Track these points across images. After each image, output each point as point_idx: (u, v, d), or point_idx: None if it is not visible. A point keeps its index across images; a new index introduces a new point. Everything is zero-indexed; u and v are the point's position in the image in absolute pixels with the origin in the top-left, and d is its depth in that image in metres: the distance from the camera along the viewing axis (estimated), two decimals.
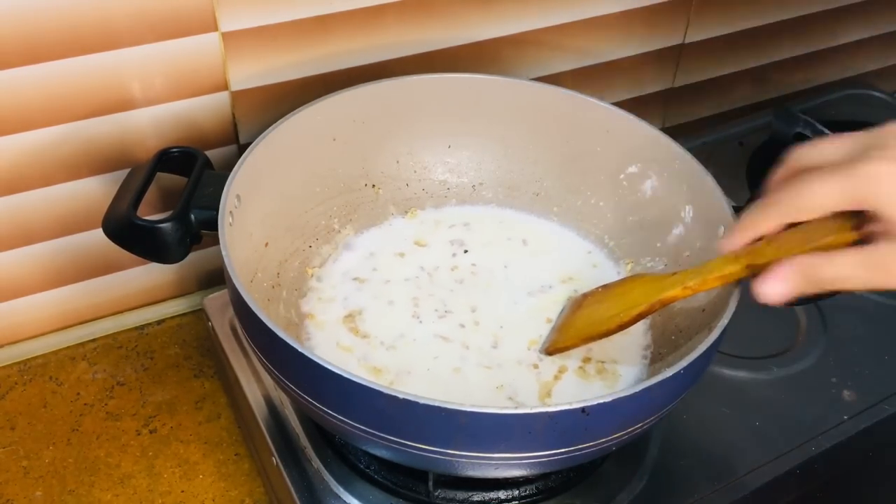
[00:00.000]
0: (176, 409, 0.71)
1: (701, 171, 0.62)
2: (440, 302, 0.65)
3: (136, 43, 0.63)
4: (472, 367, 0.60)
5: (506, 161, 0.73)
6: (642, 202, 0.68)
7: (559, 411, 0.45)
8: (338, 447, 0.60)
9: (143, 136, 0.68)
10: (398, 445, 0.48)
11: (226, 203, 0.55)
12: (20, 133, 0.63)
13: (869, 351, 0.70)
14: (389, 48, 0.74)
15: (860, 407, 0.66)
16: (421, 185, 0.73)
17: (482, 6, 0.75)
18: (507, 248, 0.70)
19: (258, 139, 0.60)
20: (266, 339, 0.50)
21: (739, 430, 0.64)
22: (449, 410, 0.45)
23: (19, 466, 0.66)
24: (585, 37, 0.82)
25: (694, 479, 0.60)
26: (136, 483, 0.66)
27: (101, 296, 0.75)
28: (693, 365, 0.49)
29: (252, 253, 0.60)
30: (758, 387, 0.67)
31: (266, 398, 0.63)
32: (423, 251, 0.70)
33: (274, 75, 0.70)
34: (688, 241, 0.64)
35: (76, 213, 0.69)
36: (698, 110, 0.97)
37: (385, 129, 0.70)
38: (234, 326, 0.68)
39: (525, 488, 0.58)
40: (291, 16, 0.68)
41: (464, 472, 0.51)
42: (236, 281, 0.51)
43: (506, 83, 0.70)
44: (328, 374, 0.46)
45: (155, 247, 0.56)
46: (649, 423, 0.51)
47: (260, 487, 0.66)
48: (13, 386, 0.72)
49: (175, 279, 0.78)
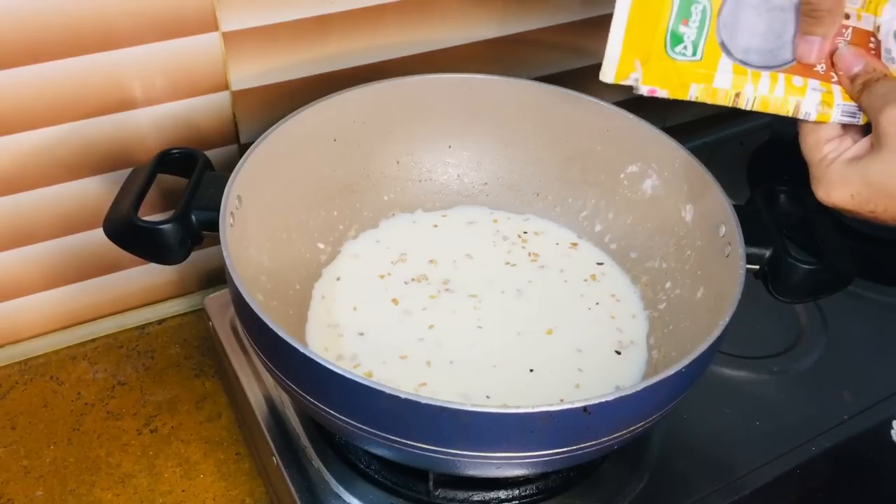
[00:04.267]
0: (177, 408, 0.71)
1: (701, 171, 0.62)
2: (442, 302, 0.65)
3: (136, 43, 0.63)
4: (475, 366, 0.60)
5: (506, 161, 0.73)
6: (642, 202, 0.68)
7: (560, 410, 0.45)
8: (338, 447, 0.60)
9: (143, 136, 0.68)
10: (399, 445, 0.48)
11: (227, 204, 0.55)
12: (20, 133, 0.63)
13: (869, 351, 0.70)
14: (389, 48, 0.74)
15: (860, 407, 0.66)
16: (421, 186, 0.73)
17: (482, 6, 0.75)
18: (508, 248, 0.70)
19: (259, 140, 0.60)
20: (267, 339, 0.50)
21: (739, 430, 0.64)
22: (450, 410, 0.45)
23: (20, 466, 0.66)
24: (585, 37, 0.82)
25: (694, 479, 0.60)
26: (136, 482, 0.66)
27: (102, 295, 0.75)
28: (693, 364, 0.49)
29: (253, 253, 0.60)
30: (758, 387, 0.67)
31: (267, 398, 0.63)
32: (423, 251, 0.70)
33: (274, 75, 0.70)
34: (688, 240, 0.64)
35: (76, 212, 0.69)
36: (698, 110, 0.97)
37: (385, 129, 0.70)
38: (234, 326, 0.68)
39: (525, 488, 0.58)
40: (292, 16, 0.68)
41: (465, 471, 0.51)
42: (237, 281, 0.51)
43: (506, 83, 0.70)
44: (329, 373, 0.46)
45: (156, 248, 0.56)
46: (650, 422, 0.51)
47: (260, 487, 0.66)
48: (14, 385, 0.72)
49: (176, 279, 0.78)
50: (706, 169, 0.62)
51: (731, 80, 0.52)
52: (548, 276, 0.68)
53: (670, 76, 0.53)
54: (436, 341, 0.62)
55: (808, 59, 0.52)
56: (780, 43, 0.52)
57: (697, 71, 0.53)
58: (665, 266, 0.66)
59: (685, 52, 0.52)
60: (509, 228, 0.72)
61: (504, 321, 0.64)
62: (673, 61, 0.52)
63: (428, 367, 0.60)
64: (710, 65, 0.52)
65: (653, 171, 0.67)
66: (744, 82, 0.52)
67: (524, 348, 0.62)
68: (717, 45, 0.52)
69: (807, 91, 0.52)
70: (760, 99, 0.53)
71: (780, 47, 0.52)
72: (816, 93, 0.52)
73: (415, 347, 0.62)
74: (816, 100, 0.52)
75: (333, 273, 0.67)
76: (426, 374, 0.60)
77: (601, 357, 0.62)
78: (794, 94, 0.52)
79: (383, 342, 0.62)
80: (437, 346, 0.62)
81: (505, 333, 0.63)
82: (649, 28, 0.52)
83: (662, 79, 0.53)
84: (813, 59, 0.52)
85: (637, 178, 0.68)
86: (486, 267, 0.69)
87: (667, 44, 0.52)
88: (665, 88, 0.53)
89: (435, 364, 0.60)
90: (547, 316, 0.65)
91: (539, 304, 0.66)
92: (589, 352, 0.62)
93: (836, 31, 0.52)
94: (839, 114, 0.52)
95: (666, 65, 0.53)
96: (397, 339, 0.62)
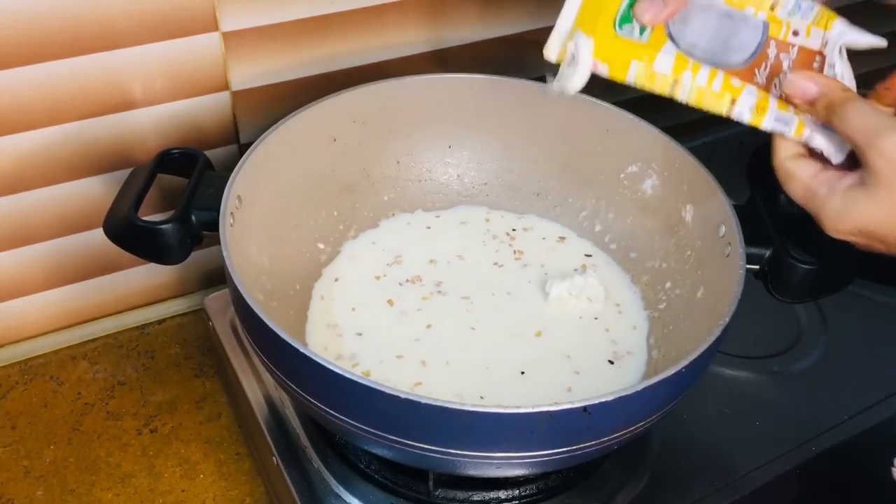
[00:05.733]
0: (176, 408, 0.71)
1: (701, 171, 0.62)
2: (443, 301, 0.65)
3: (136, 43, 0.63)
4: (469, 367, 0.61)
5: (506, 161, 0.73)
6: (642, 201, 0.68)
7: (561, 410, 0.45)
8: (338, 447, 0.60)
9: (143, 136, 0.68)
10: (399, 445, 0.48)
11: (227, 204, 0.55)
12: (21, 133, 0.63)
13: (869, 351, 0.70)
14: (389, 48, 0.74)
15: (860, 407, 0.66)
16: (422, 186, 0.73)
17: (482, 6, 0.75)
18: (508, 248, 0.71)
19: (259, 140, 0.61)
20: (267, 339, 0.50)
21: (739, 430, 0.64)
22: (450, 410, 0.45)
23: (20, 466, 0.66)
24: None
25: (694, 479, 0.60)
26: (136, 482, 0.66)
27: (102, 295, 0.75)
28: (693, 364, 0.49)
29: (253, 253, 0.60)
30: (758, 387, 0.67)
31: (266, 398, 0.63)
32: (424, 251, 0.70)
33: (274, 75, 0.70)
34: (688, 240, 0.64)
35: (77, 212, 0.69)
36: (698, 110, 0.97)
37: (385, 129, 0.70)
38: (234, 326, 0.68)
39: (525, 488, 0.58)
40: (292, 16, 0.68)
41: (465, 471, 0.51)
42: (237, 281, 0.51)
43: (506, 83, 0.70)
44: (329, 373, 0.46)
45: (156, 248, 0.56)
46: (650, 422, 0.51)
47: (260, 487, 0.66)
48: (14, 385, 0.72)
49: (176, 279, 0.78)
50: (706, 169, 0.62)
51: (672, 64, 0.52)
52: (547, 275, 0.68)
53: (613, 52, 0.52)
54: (432, 342, 0.62)
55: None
56: (726, 48, 0.52)
57: (640, 51, 0.52)
58: (665, 266, 0.66)
59: (632, 32, 0.52)
60: (509, 228, 0.72)
61: (496, 323, 0.64)
62: (618, 38, 0.52)
63: (423, 366, 0.60)
64: (654, 47, 0.52)
65: (653, 171, 0.67)
66: (683, 68, 0.52)
67: (516, 350, 0.62)
68: (665, 35, 0.52)
69: (742, 92, 0.51)
70: (697, 90, 0.52)
71: (725, 52, 0.52)
72: (752, 97, 0.51)
73: (411, 347, 0.62)
74: (751, 102, 0.51)
75: (332, 274, 0.67)
76: (422, 373, 0.60)
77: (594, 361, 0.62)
78: (731, 92, 0.52)
79: (381, 342, 0.62)
80: (433, 347, 0.62)
81: (498, 335, 0.63)
82: (602, 9, 0.52)
83: (605, 54, 0.52)
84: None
85: (637, 178, 0.68)
86: (476, 268, 0.69)
87: (615, 23, 0.52)
88: (606, 63, 0.52)
89: (430, 364, 0.60)
90: (539, 318, 0.65)
91: (531, 305, 0.66)
92: (579, 356, 0.62)
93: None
94: (772, 120, 0.51)
95: (611, 41, 0.52)
96: (394, 340, 0.62)
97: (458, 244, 0.71)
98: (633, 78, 0.52)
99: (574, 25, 0.53)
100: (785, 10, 0.52)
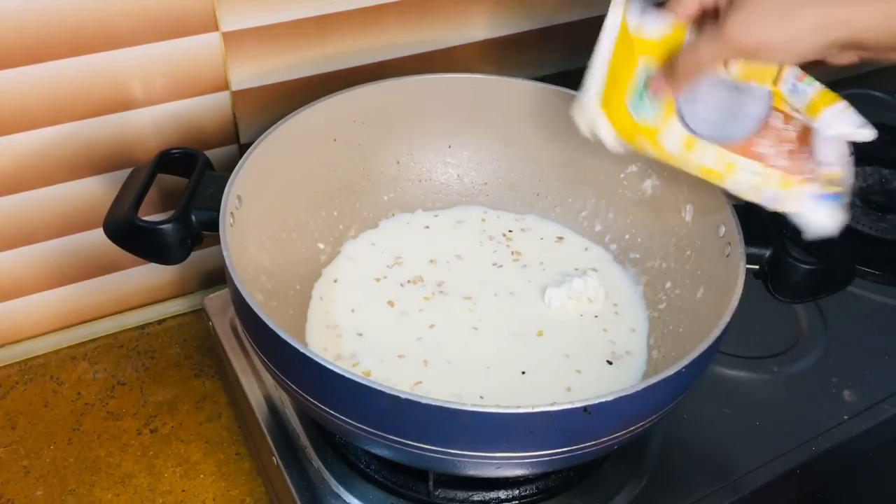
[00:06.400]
0: (176, 408, 0.71)
1: None
2: (445, 301, 0.65)
3: (136, 43, 0.63)
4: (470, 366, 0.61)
5: (506, 161, 0.73)
6: (642, 201, 0.68)
7: (561, 410, 0.45)
8: (338, 447, 0.60)
9: (143, 136, 0.68)
10: (399, 445, 0.48)
11: (227, 204, 0.55)
12: (21, 133, 0.63)
13: (869, 351, 0.70)
14: (389, 48, 0.74)
15: (860, 407, 0.66)
16: (422, 186, 0.73)
17: (481, 6, 0.75)
18: (508, 247, 0.71)
19: (259, 140, 0.61)
20: (267, 339, 0.50)
21: (739, 430, 0.64)
22: (450, 410, 0.45)
23: (20, 466, 0.66)
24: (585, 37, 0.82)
25: (694, 479, 0.60)
26: (136, 482, 0.66)
27: (102, 295, 0.75)
28: (693, 364, 0.49)
29: (253, 253, 0.60)
30: (758, 387, 0.67)
31: (266, 398, 0.63)
32: (424, 251, 0.70)
33: (274, 75, 0.70)
34: (688, 240, 0.64)
35: (77, 212, 0.69)
36: None
37: (385, 129, 0.70)
38: (234, 326, 0.68)
39: (525, 488, 0.58)
40: (292, 16, 0.68)
41: (465, 471, 0.51)
42: (237, 281, 0.51)
43: (506, 83, 0.70)
44: (329, 373, 0.46)
45: (156, 248, 0.56)
46: (650, 422, 0.51)
47: (260, 487, 0.66)
48: (14, 385, 0.72)
49: (176, 279, 0.78)
50: None
51: (680, 144, 0.54)
52: (547, 275, 0.68)
53: (629, 132, 0.55)
54: (433, 341, 0.62)
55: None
56: (732, 119, 0.54)
57: (651, 132, 0.54)
58: (665, 266, 0.66)
59: (643, 110, 0.54)
60: (509, 227, 0.72)
61: (498, 323, 0.64)
62: (633, 121, 0.55)
63: (425, 366, 0.60)
64: (664, 125, 0.54)
65: (653, 171, 0.67)
66: (691, 148, 0.54)
67: (517, 349, 0.62)
68: (674, 110, 0.54)
69: (743, 169, 0.53)
70: (701, 168, 0.54)
71: (731, 123, 0.54)
72: (756, 176, 0.53)
73: (412, 347, 0.62)
74: (750, 179, 0.53)
75: (332, 275, 0.67)
76: (422, 373, 0.60)
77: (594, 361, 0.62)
78: (732, 171, 0.54)
79: (381, 342, 0.62)
80: (435, 346, 0.62)
81: (499, 335, 0.63)
82: (618, 82, 0.55)
83: (623, 133, 0.55)
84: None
85: (637, 178, 0.68)
86: (477, 268, 0.69)
87: (630, 102, 0.54)
88: (625, 140, 0.56)
89: (432, 363, 0.60)
90: (540, 318, 0.65)
91: (532, 305, 0.66)
92: (579, 356, 0.62)
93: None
94: (768, 197, 0.53)
95: (627, 122, 0.55)
96: (396, 340, 0.62)
97: (458, 244, 0.71)
98: (650, 154, 0.55)
99: (595, 101, 0.56)
100: (786, 86, 0.53)
